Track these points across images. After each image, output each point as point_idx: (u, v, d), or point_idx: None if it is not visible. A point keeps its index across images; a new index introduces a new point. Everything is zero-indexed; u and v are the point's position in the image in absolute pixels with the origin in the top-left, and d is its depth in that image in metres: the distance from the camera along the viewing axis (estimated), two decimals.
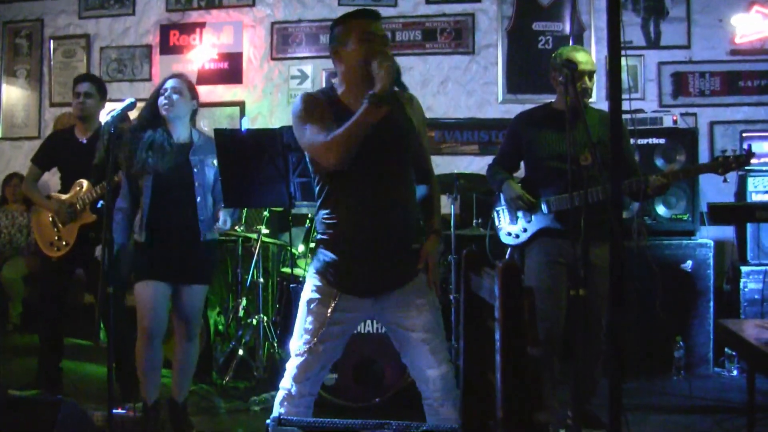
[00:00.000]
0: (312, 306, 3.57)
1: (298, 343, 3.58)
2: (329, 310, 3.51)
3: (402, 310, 3.55)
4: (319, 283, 3.58)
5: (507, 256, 5.16)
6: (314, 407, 3.68)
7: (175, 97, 4.80)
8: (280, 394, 3.60)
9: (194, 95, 5.02)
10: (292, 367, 3.57)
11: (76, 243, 5.76)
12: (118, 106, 4.53)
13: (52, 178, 6.48)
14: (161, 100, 4.80)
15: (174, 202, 4.78)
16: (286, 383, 3.58)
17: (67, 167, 5.97)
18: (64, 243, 5.79)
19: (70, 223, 5.77)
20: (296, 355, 3.57)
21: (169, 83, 4.86)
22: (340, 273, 3.53)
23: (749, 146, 4.80)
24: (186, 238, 4.79)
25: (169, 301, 4.87)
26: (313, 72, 8.51)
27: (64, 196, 5.81)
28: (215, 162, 4.92)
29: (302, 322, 3.58)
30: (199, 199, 4.82)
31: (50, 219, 5.88)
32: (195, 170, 4.82)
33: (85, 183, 5.76)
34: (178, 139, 4.88)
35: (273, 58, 8.65)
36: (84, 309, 7.40)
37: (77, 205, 5.72)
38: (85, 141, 5.88)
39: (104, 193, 5.36)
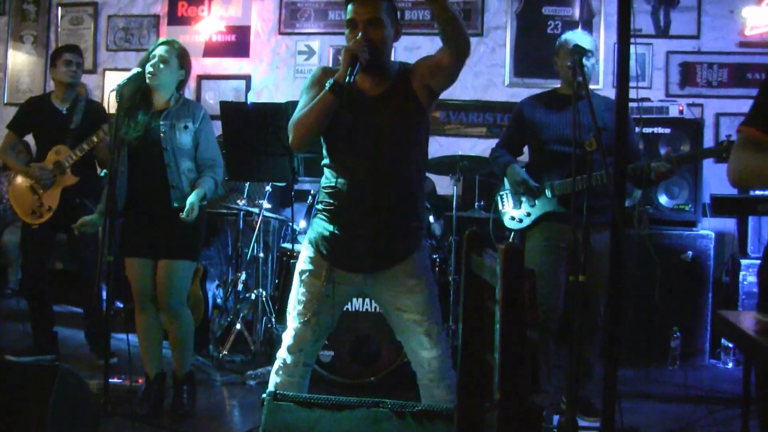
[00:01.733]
0: (304, 277, 3.61)
1: (292, 314, 3.63)
2: (321, 282, 3.55)
3: (393, 289, 3.57)
4: (312, 254, 3.63)
5: (509, 240, 5.15)
6: (310, 383, 3.70)
7: (161, 66, 4.68)
8: (276, 364, 3.64)
9: (183, 64, 4.85)
10: (287, 337, 3.62)
11: (58, 207, 5.75)
12: (125, 75, 4.53)
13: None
14: (147, 67, 4.69)
15: (145, 170, 4.71)
16: (282, 353, 3.63)
17: (43, 134, 5.99)
18: (46, 208, 5.77)
19: (51, 188, 5.75)
20: (290, 326, 3.62)
21: (158, 50, 4.73)
22: (333, 246, 3.57)
23: None
24: (159, 208, 4.70)
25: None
26: (321, 48, 8.47)
27: (43, 163, 5.81)
28: (192, 126, 4.79)
29: (296, 293, 3.64)
30: (169, 164, 4.69)
31: (28, 186, 5.82)
32: (162, 135, 4.66)
33: (62, 148, 5.77)
34: (157, 106, 4.78)
35: (281, 33, 8.60)
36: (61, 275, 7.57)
37: (57, 169, 5.73)
38: (64, 111, 5.92)
39: (83, 155, 5.66)
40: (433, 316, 3.55)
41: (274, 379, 3.62)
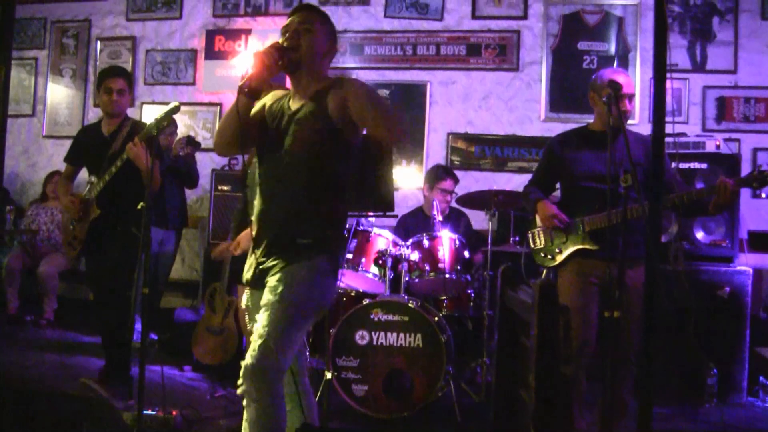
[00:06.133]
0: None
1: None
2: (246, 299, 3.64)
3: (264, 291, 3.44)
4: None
5: (543, 276, 5.13)
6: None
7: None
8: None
9: None
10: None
11: (85, 241, 5.64)
12: (163, 110, 4.59)
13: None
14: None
15: None
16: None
17: (89, 162, 5.80)
18: (79, 241, 5.68)
19: (81, 221, 5.64)
20: None
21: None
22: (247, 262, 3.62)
23: None
24: None
25: None
26: None
27: (83, 195, 5.68)
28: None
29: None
30: None
31: (67, 218, 5.81)
32: None
33: (94, 179, 5.63)
34: None
35: None
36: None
37: (86, 203, 5.60)
38: (107, 136, 5.67)
39: (106, 185, 5.48)
40: (275, 324, 3.30)
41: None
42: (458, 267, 5.95)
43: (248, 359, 3.31)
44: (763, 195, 4.76)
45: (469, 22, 8.38)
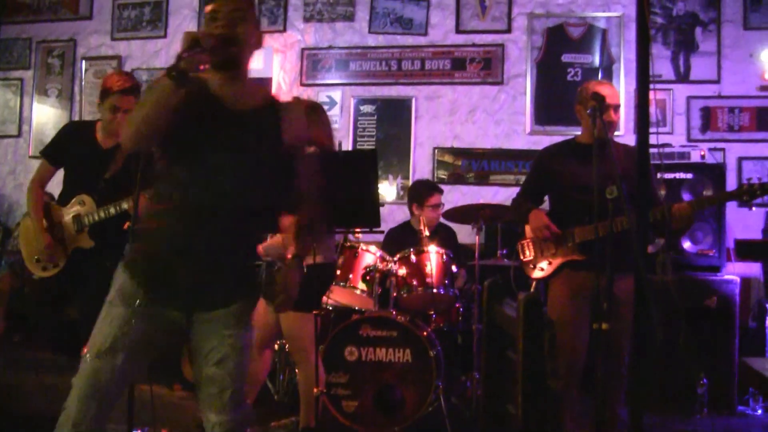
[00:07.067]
0: (112, 308, 3.03)
1: (90, 351, 2.98)
2: (131, 315, 2.98)
3: (206, 335, 3.08)
4: (125, 281, 3.05)
5: (532, 289, 5.13)
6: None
7: None
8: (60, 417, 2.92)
9: None
10: (76, 383, 2.94)
11: (64, 269, 4.95)
12: None
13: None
14: None
15: None
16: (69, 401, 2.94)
17: (74, 169, 5.03)
18: (53, 264, 4.97)
19: (62, 243, 4.95)
20: (83, 367, 2.97)
21: None
22: (151, 274, 3.03)
23: None
24: None
25: None
26: (342, 98, 8.56)
27: (63, 211, 4.97)
28: None
29: (99, 325, 3.03)
30: None
31: (40, 230, 4.93)
32: None
33: (87, 200, 4.90)
34: None
35: (302, 84, 8.71)
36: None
37: (75, 225, 4.90)
38: (106, 149, 4.91)
39: (108, 218, 4.82)
40: (235, 377, 3.07)
41: None
42: (446, 281, 5.94)
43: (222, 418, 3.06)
44: (754, 208, 4.76)
45: (454, 36, 8.40)
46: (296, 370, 6.09)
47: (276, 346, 6.24)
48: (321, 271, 4.78)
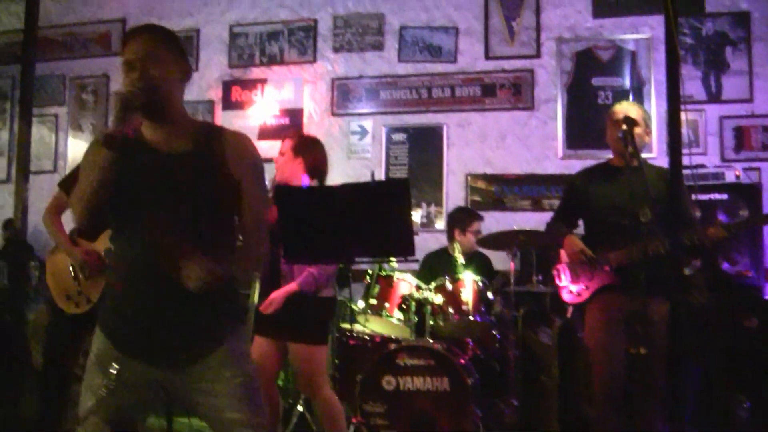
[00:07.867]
0: (90, 372, 2.95)
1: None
2: (106, 378, 2.86)
3: (205, 386, 2.93)
4: (100, 342, 2.98)
5: (569, 314, 5.12)
6: None
7: None
8: None
9: None
10: None
11: (98, 303, 4.84)
12: None
13: None
14: None
15: None
16: None
17: None
18: (85, 299, 4.96)
19: (96, 277, 4.89)
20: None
21: None
22: (124, 332, 2.93)
23: None
24: None
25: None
26: (374, 127, 8.61)
27: (94, 244, 4.98)
28: None
29: (83, 388, 2.95)
30: None
31: (70, 267, 5.07)
32: None
33: None
34: None
35: (333, 114, 8.77)
36: None
37: (108, 260, 4.73)
38: None
39: None
40: (256, 412, 2.97)
41: None
42: (482, 308, 5.92)
43: None
44: None
45: (483, 62, 8.42)
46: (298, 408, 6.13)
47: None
48: (323, 304, 4.86)
